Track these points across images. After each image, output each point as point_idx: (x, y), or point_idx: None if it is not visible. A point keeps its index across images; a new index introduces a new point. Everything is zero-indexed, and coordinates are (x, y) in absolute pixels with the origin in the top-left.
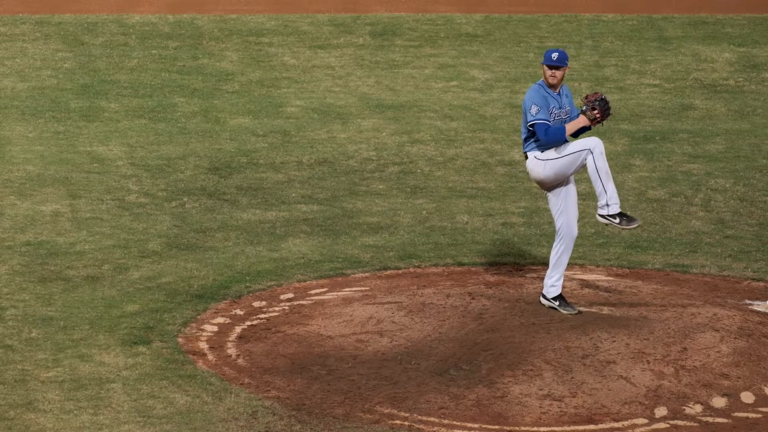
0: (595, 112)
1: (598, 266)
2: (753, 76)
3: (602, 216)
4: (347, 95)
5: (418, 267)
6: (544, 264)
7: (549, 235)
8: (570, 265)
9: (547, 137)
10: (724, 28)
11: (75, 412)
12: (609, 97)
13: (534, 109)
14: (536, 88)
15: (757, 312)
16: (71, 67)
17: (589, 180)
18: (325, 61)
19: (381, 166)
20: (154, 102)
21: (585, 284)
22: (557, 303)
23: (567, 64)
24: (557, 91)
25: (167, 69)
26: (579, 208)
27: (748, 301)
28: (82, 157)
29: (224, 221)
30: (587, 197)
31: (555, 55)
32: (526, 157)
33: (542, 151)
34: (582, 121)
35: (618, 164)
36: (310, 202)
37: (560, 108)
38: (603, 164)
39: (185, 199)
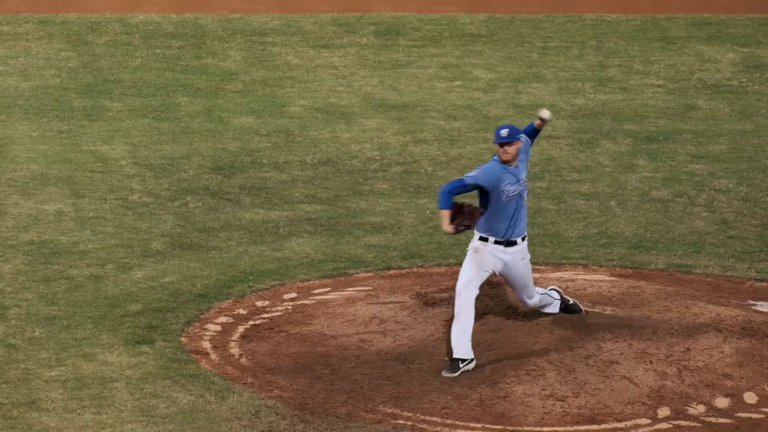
0: (465, 216)
1: (601, 266)
2: (756, 76)
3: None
4: (351, 95)
5: (422, 267)
6: (547, 264)
7: (552, 235)
8: (573, 266)
9: (442, 191)
10: (728, 29)
11: (78, 411)
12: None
13: (474, 172)
14: (492, 165)
15: (761, 312)
16: (75, 66)
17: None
18: (329, 61)
19: (384, 166)
20: (157, 101)
21: (588, 284)
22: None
23: (519, 138)
24: (515, 164)
25: (171, 68)
26: (582, 207)
27: (751, 302)
28: (85, 156)
29: (227, 221)
30: (590, 197)
31: (505, 132)
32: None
33: (474, 232)
34: (450, 218)
35: (621, 164)
36: (314, 201)
37: (518, 182)
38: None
39: (188, 198)
